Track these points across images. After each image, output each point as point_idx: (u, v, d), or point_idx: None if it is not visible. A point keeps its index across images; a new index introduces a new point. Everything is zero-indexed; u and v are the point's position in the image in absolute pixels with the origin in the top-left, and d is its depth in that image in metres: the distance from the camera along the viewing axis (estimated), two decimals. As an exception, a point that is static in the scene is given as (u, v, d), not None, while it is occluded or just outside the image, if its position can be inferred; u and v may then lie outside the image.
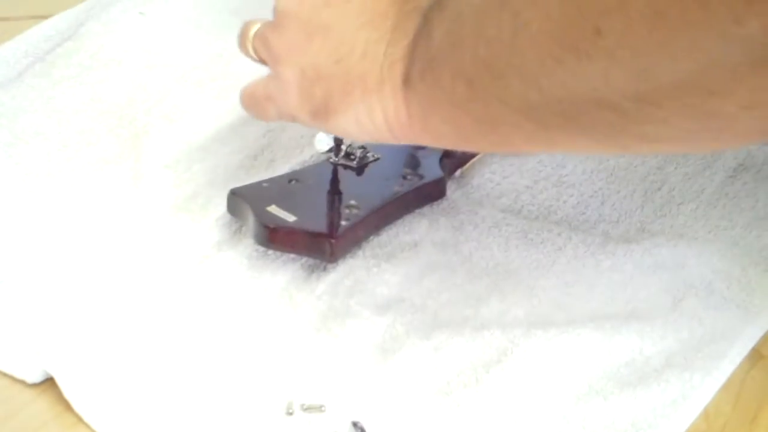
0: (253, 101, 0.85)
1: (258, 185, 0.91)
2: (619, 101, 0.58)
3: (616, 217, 0.94)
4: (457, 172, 0.97)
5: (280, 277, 0.88)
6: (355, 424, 0.76)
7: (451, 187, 0.95)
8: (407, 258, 0.89)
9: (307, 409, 0.78)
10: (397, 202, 0.91)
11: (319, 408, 0.78)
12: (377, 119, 0.76)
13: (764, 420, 0.80)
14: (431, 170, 0.94)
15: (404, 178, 0.93)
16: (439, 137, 0.75)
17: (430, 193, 0.94)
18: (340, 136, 0.88)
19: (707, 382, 0.81)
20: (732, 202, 0.96)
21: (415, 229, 0.92)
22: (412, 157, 0.96)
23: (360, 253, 0.89)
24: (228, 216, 0.91)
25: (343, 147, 0.94)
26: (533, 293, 0.87)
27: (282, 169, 0.95)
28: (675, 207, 0.95)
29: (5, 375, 0.80)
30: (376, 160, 0.95)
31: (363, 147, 0.95)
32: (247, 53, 0.85)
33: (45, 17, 1.15)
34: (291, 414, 0.77)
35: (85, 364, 0.79)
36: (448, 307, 0.86)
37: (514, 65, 0.62)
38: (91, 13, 1.15)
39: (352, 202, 0.89)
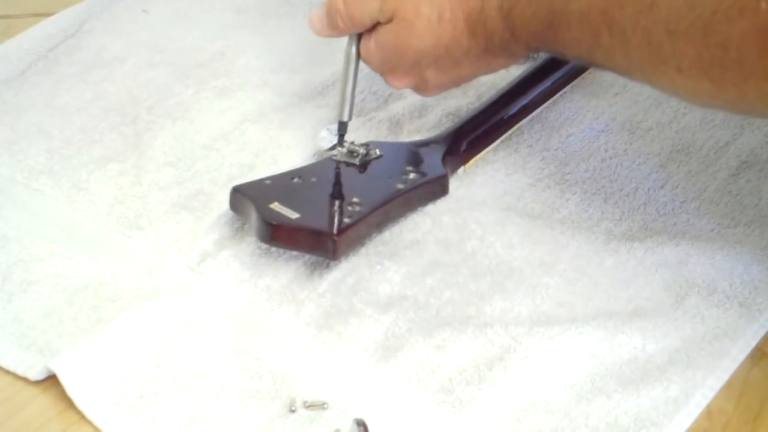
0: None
1: (261, 182, 0.91)
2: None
3: (619, 215, 0.94)
4: (460, 170, 0.97)
5: (283, 275, 0.87)
6: (357, 422, 0.76)
7: (453, 185, 0.95)
8: (410, 256, 0.89)
9: (310, 406, 0.78)
10: (400, 200, 0.91)
11: (322, 405, 0.78)
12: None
13: (767, 418, 0.80)
14: (434, 168, 0.94)
15: (407, 175, 0.93)
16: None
17: (433, 191, 0.94)
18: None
19: (710, 380, 0.81)
20: (735, 200, 0.96)
21: (418, 226, 0.92)
22: (415, 154, 0.96)
23: (363, 250, 0.89)
24: (230, 213, 0.91)
25: (346, 143, 0.94)
26: (536, 291, 0.87)
27: (285, 166, 0.95)
28: (678, 205, 0.95)
29: (8, 372, 0.80)
30: (378, 157, 0.95)
31: (366, 144, 0.95)
32: None
33: (47, 15, 1.15)
34: (294, 411, 0.77)
35: (87, 361, 0.79)
36: (450, 305, 0.86)
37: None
38: (93, 11, 1.15)
39: (355, 199, 0.89)
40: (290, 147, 0.99)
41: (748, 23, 0.73)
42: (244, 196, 0.89)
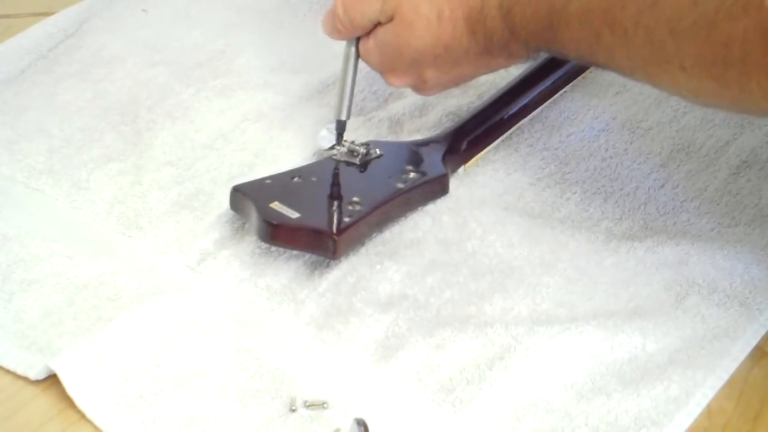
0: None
1: (261, 182, 0.91)
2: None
3: (619, 215, 0.94)
4: (460, 169, 0.97)
5: (283, 274, 0.87)
6: (357, 421, 0.76)
7: (454, 184, 0.95)
8: (410, 255, 0.89)
9: (310, 405, 0.78)
10: (400, 199, 0.91)
11: (322, 405, 0.78)
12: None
13: (767, 417, 0.80)
14: (434, 167, 0.94)
15: (407, 175, 0.93)
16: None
17: (433, 190, 0.94)
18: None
19: (710, 379, 0.81)
20: (735, 199, 0.95)
21: (419, 226, 0.92)
22: (415, 154, 0.96)
23: (363, 250, 0.89)
24: (231, 213, 0.91)
25: (346, 142, 0.94)
26: (536, 291, 0.87)
27: (285, 166, 0.95)
28: (678, 204, 0.95)
29: (8, 372, 0.80)
30: (378, 157, 0.95)
31: (366, 144, 0.95)
32: None
33: (47, 14, 1.15)
34: (294, 411, 0.77)
35: (88, 361, 0.79)
36: (450, 305, 0.86)
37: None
38: (93, 10, 1.15)
39: (355, 198, 0.89)
40: (290, 146, 0.99)
41: (751, 21, 0.73)
42: (244, 196, 0.89)
